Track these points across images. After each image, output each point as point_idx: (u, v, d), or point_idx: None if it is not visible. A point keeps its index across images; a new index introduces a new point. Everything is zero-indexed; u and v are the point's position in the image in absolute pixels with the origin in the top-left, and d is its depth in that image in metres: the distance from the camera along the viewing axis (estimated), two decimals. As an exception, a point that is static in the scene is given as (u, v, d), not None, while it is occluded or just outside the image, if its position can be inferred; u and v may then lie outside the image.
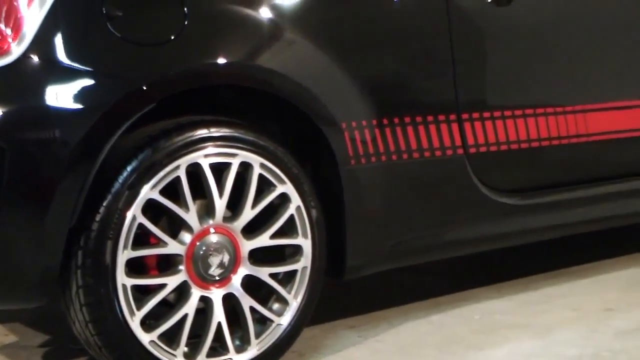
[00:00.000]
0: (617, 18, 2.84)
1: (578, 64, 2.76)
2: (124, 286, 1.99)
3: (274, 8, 2.19)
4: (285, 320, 2.21)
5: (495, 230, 2.68)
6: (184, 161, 2.04)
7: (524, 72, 2.67)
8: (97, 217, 1.96)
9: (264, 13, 2.17)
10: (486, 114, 2.55)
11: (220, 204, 2.10)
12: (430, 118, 2.44)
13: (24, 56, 1.93)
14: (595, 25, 2.79)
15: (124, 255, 1.99)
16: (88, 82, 1.95)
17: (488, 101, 2.59)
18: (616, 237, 3.33)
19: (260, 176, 2.15)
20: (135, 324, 2.01)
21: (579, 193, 2.82)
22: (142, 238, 2.04)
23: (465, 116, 2.51)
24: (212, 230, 2.10)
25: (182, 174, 2.04)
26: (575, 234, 2.96)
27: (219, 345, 2.13)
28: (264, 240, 2.17)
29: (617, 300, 2.72)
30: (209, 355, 2.11)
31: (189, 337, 2.08)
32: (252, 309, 2.15)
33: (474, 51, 2.56)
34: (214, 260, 2.10)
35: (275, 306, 2.21)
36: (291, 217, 2.20)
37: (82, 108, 1.93)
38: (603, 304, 2.69)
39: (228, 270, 2.12)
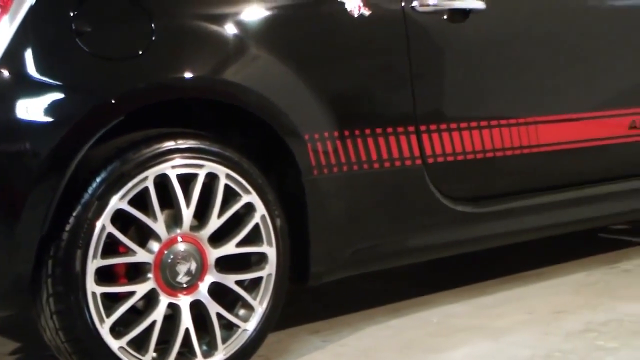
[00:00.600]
0: (565, 35, 2.88)
1: (530, 78, 2.79)
2: (94, 294, 1.98)
3: (239, 24, 2.20)
4: (251, 325, 2.20)
5: (452, 237, 2.69)
6: (152, 172, 2.03)
7: (479, 85, 2.69)
8: (67, 227, 1.95)
9: (229, 29, 2.18)
10: (443, 126, 2.57)
11: (187, 213, 2.09)
12: (389, 130, 2.45)
13: None
14: (545, 42, 2.82)
15: (93, 264, 1.97)
16: (58, 95, 1.94)
17: (445, 113, 2.60)
18: (566, 243, 3.38)
19: (226, 186, 2.15)
20: (104, 330, 1.99)
21: (531, 201, 2.85)
22: (112, 247, 2.03)
23: (423, 128, 2.52)
24: (179, 239, 2.09)
25: (150, 184, 2.03)
26: (529, 240, 2.99)
27: (186, 351, 2.11)
28: (230, 248, 2.17)
29: (568, 303, 2.74)
30: (177, 360, 2.11)
31: (158, 343, 2.07)
32: (218, 315, 2.14)
33: (431, 66, 2.58)
34: (182, 268, 2.09)
35: (242, 312, 2.21)
36: (256, 225, 2.20)
37: (52, 121, 1.92)
38: (554, 307, 2.71)
39: (195, 277, 2.11)
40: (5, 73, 1.92)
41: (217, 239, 2.16)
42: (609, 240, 3.61)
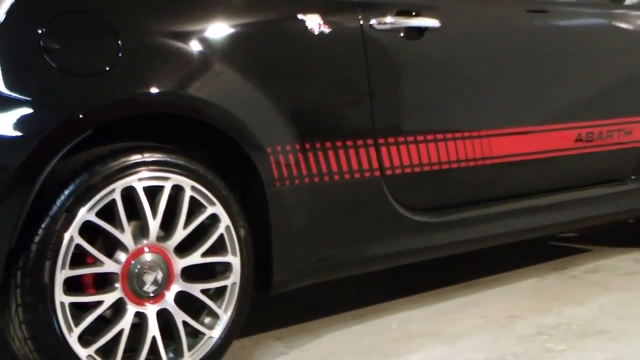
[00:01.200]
0: (515, 53, 2.91)
1: (482, 94, 2.82)
2: (62, 304, 1.96)
3: (203, 41, 2.20)
4: (216, 333, 2.20)
5: (410, 245, 2.70)
6: (119, 185, 2.03)
7: (434, 100, 2.70)
8: (36, 239, 1.93)
9: (194, 46, 2.18)
10: (401, 139, 2.58)
11: (153, 224, 2.09)
12: (349, 143, 2.46)
13: None
14: (497, 59, 2.85)
15: (61, 274, 1.96)
16: (27, 110, 1.93)
17: (402, 127, 2.61)
18: (519, 250, 3.40)
19: (192, 198, 2.15)
20: (73, 339, 1.97)
21: (485, 210, 2.87)
22: (80, 257, 2.01)
23: (381, 141, 2.53)
24: (146, 249, 2.09)
25: (117, 196, 2.03)
26: (483, 247, 3.00)
27: (153, 358, 2.10)
28: (195, 258, 2.17)
29: (520, 308, 2.77)
30: (144, 367, 2.10)
31: (125, 351, 2.06)
32: (184, 323, 2.14)
33: (389, 81, 2.58)
34: (149, 278, 2.09)
35: (207, 320, 2.20)
36: (221, 236, 2.20)
37: (21, 135, 1.91)
38: (507, 312, 2.74)
39: (162, 287, 2.11)
40: (-25, 89, 1.91)
41: (183, 249, 2.16)
42: (558, 247, 3.64)
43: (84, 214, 1.99)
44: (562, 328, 2.55)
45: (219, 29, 2.24)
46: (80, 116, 1.98)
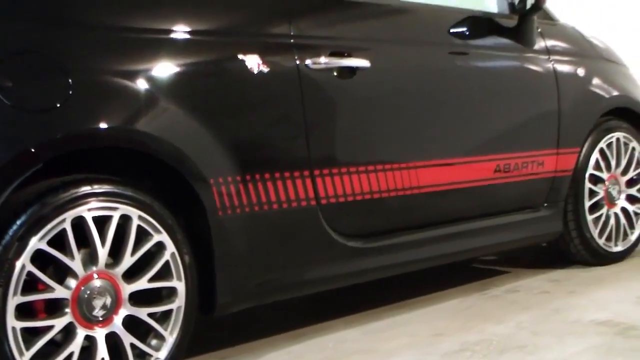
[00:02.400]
0: (439, 91, 2.98)
1: (409, 128, 2.87)
2: (14, 329, 1.96)
3: (150, 79, 2.22)
4: (162, 354, 2.21)
5: (345, 269, 2.73)
6: (70, 215, 2.04)
7: (366, 134, 2.75)
8: (-11, 267, 1.92)
9: (141, 84, 2.20)
10: (335, 170, 2.62)
11: (102, 252, 2.10)
12: (287, 174, 2.49)
13: None
14: (422, 97, 2.92)
15: (13, 300, 1.96)
16: (-19, 145, 1.93)
17: (337, 159, 2.65)
18: (445, 273, 3.44)
19: (139, 227, 2.17)
20: (24, 363, 1.96)
21: (414, 236, 2.92)
22: (31, 284, 2.01)
23: (317, 172, 2.57)
24: (95, 275, 2.10)
25: (67, 226, 2.04)
26: (412, 271, 3.04)
27: (103, 379, 2.10)
28: (142, 283, 2.19)
29: (445, 326, 2.80)
30: (94, 388, 2.08)
31: (75, 373, 2.06)
32: (132, 345, 2.15)
33: (324, 116, 2.62)
34: (98, 303, 2.09)
35: (154, 342, 2.22)
36: (167, 262, 2.23)
37: None
38: (433, 330, 2.76)
39: (110, 311, 2.12)
40: None
41: (131, 275, 2.17)
42: (480, 269, 3.68)
43: (36, 242, 1.99)
44: (484, 344, 2.59)
45: (164, 68, 2.27)
46: (32, 150, 1.99)
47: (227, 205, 2.35)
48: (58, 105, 2.05)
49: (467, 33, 3.12)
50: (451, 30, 3.07)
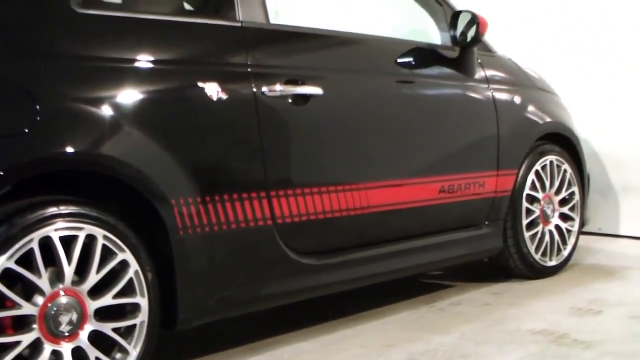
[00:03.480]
0: (387, 117, 3.03)
1: (360, 152, 2.92)
2: (-18, 345, 1.95)
3: (114, 106, 2.23)
4: (126, 367, 2.21)
5: (300, 285, 2.74)
6: (37, 235, 2.04)
7: (319, 157, 2.78)
8: (-42, 285, 1.91)
9: (106, 110, 2.21)
10: (290, 191, 2.65)
11: (69, 270, 2.11)
12: (244, 195, 2.51)
13: None
14: (372, 123, 2.97)
15: (-18, 317, 1.95)
16: (-48, 168, 1.92)
17: (292, 181, 2.67)
18: (394, 287, 3.46)
19: (104, 246, 2.18)
20: (-9, 378, 1.95)
21: (365, 253, 2.95)
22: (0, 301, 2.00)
23: (273, 193, 2.59)
24: (62, 293, 2.09)
25: (35, 246, 2.04)
26: (364, 285, 3.07)
27: (69, 392, 2.09)
28: (107, 300, 2.19)
29: (395, 338, 2.83)
30: (59, 401, 2.07)
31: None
32: (97, 359, 2.15)
33: (279, 141, 2.65)
34: (64, 319, 2.09)
35: (118, 356, 2.21)
36: (130, 279, 2.23)
37: None
38: (384, 341, 2.79)
39: (76, 326, 2.12)
40: None
41: (96, 291, 2.17)
42: (427, 283, 3.73)
43: (4, 261, 1.99)
44: (430, 354, 2.63)
45: (128, 96, 2.28)
46: (1, 173, 1.99)
47: (187, 225, 2.36)
48: (26, 130, 2.05)
49: (413, 63, 3.18)
50: (398, 60, 3.14)
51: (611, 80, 4.62)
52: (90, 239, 2.15)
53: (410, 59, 3.18)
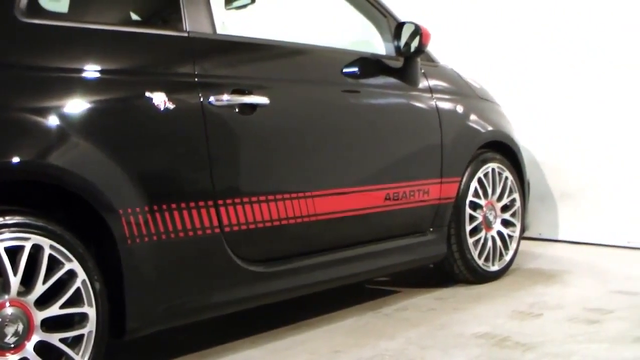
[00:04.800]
0: (333, 126, 3.08)
1: (307, 160, 2.96)
2: None
3: (62, 116, 2.23)
4: (74, 378, 2.20)
5: (248, 293, 2.76)
6: (-18, 246, 2.02)
7: (267, 166, 2.81)
8: None
9: (53, 120, 2.22)
10: (237, 200, 2.67)
11: (14, 281, 2.10)
12: (192, 204, 2.53)
13: None
14: (318, 132, 3.02)
15: None
16: None
17: (239, 189, 2.70)
18: (340, 293, 3.50)
19: (50, 256, 2.17)
20: (-64, 390, 1.94)
21: (312, 260, 2.99)
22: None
23: (220, 202, 2.61)
24: (7, 303, 2.08)
25: (-20, 257, 2.02)
26: (311, 292, 3.10)
27: (15, 404, 2.08)
28: (54, 310, 2.18)
29: (342, 344, 2.86)
30: (5, 412, 2.07)
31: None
32: (44, 370, 2.14)
33: (227, 150, 2.67)
34: (10, 330, 2.08)
35: (66, 366, 2.21)
36: (78, 289, 2.23)
37: None
38: (331, 348, 2.82)
39: (22, 337, 2.11)
40: None
41: (43, 302, 2.16)
42: (374, 290, 3.77)
43: (-51, 273, 1.97)
44: (377, 359, 2.68)
45: (76, 105, 2.29)
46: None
47: (135, 234, 2.37)
48: (-29, 140, 2.03)
49: (359, 73, 3.24)
50: (344, 70, 3.19)
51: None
52: (37, 249, 2.15)
53: (356, 69, 3.23)
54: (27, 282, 2.14)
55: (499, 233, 3.88)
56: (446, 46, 5.04)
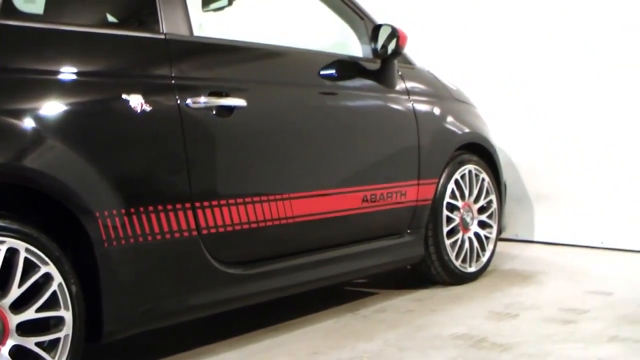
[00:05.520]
0: (310, 128, 3.10)
1: (285, 162, 2.97)
2: None
3: (37, 118, 2.23)
4: (50, 382, 2.19)
5: (226, 295, 2.77)
6: (-44, 249, 2.01)
7: (244, 168, 2.81)
8: None
9: (29, 123, 2.21)
10: (215, 202, 2.67)
11: (-11, 284, 2.09)
12: (169, 207, 2.53)
13: None
14: (295, 134, 3.03)
15: None
16: None
17: (217, 192, 2.70)
18: (319, 295, 3.52)
19: (26, 259, 2.16)
20: None
21: (290, 262, 3.00)
22: None
23: (198, 204, 2.61)
24: (-18, 308, 2.07)
25: (-46, 260, 2.01)
26: (290, 294, 3.10)
27: (-11, 410, 2.08)
28: (30, 314, 2.17)
29: (320, 346, 2.88)
30: (-20, 419, 2.05)
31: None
32: (20, 375, 2.13)
33: (204, 152, 2.67)
34: (-16, 335, 2.06)
35: (42, 371, 2.19)
36: (54, 293, 2.22)
37: None
38: (310, 349, 2.83)
39: (-3, 342, 2.09)
40: None
41: (19, 305, 2.15)
42: (352, 291, 3.79)
43: None
44: (356, 360, 2.72)
45: (52, 108, 2.28)
46: None
47: (112, 237, 2.36)
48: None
49: (336, 75, 3.26)
50: (321, 72, 3.21)
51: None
52: (12, 253, 2.14)
53: (333, 71, 3.25)
54: (3, 285, 2.13)
55: (476, 234, 3.92)
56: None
